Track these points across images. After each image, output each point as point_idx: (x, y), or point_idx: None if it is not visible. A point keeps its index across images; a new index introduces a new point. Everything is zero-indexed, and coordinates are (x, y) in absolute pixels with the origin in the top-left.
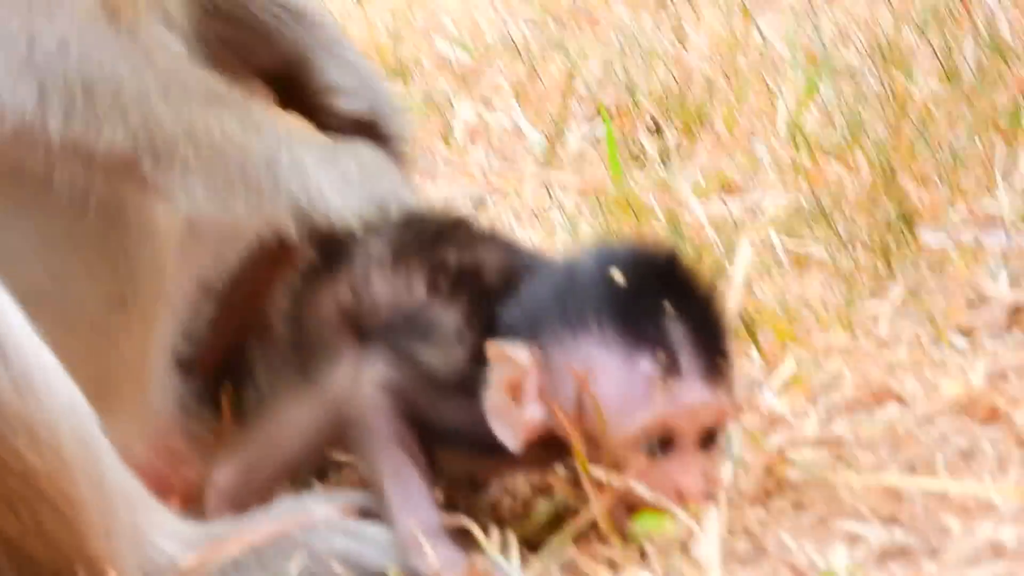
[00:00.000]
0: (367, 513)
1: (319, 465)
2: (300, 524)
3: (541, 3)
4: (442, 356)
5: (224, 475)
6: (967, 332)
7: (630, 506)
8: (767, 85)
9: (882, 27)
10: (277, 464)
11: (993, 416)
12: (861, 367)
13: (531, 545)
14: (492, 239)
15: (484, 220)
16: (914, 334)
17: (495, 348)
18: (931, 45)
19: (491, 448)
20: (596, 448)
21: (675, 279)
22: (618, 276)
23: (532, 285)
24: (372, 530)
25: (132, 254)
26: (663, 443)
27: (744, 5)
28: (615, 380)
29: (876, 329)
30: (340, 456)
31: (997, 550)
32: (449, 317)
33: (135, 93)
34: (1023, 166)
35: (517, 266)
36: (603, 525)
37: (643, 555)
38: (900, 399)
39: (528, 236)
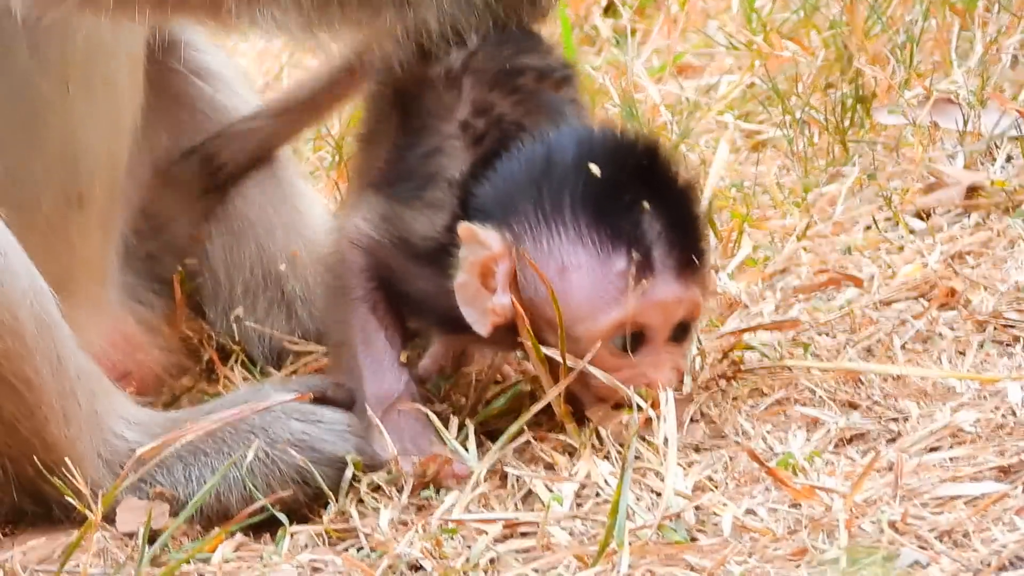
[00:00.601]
0: (325, 399)
1: (277, 352)
2: (257, 410)
3: None
4: (426, 221)
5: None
6: (924, 214)
7: (591, 394)
8: None
9: None
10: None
11: (951, 299)
12: (818, 250)
13: (490, 434)
14: (556, 104)
15: None
16: (870, 216)
17: (467, 229)
18: None
19: (458, 325)
20: (566, 341)
21: (654, 171)
22: (595, 168)
23: (508, 165)
24: (330, 414)
25: (91, 153)
26: (634, 338)
27: None
28: (586, 277)
29: (832, 211)
30: (296, 344)
31: (956, 434)
32: (453, 168)
33: None
34: (979, 46)
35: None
36: (557, 412)
37: (600, 441)
38: (857, 282)
39: None
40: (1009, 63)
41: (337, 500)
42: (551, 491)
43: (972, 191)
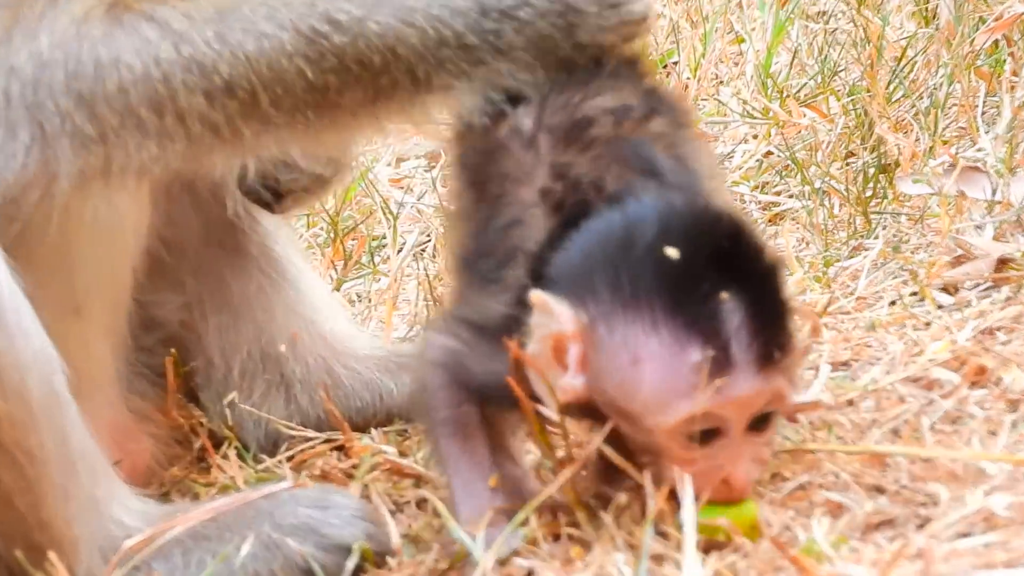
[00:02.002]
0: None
1: (273, 439)
2: (250, 499)
3: None
4: (504, 301)
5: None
6: (951, 288)
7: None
8: (734, 28)
9: None
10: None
11: (981, 377)
12: (841, 327)
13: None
14: (638, 151)
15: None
16: (895, 291)
17: (540, 298)
18: None
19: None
20: (638, 433)
21: (737, 252)
22: (673, 252)
23: (585, 237)
24: (339, 499)
25: (88, 268)
26: (709, 432)
27: None
28: (658, 369)
29: (855, 286)
30: (294, 430)
31: (988, 519)
32: (534, 241)
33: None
34: (1007, 111)
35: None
36: (568, 499)
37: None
38: (883, 360)
39: None
40: None
41: None
42: None
43: (1002, 263)
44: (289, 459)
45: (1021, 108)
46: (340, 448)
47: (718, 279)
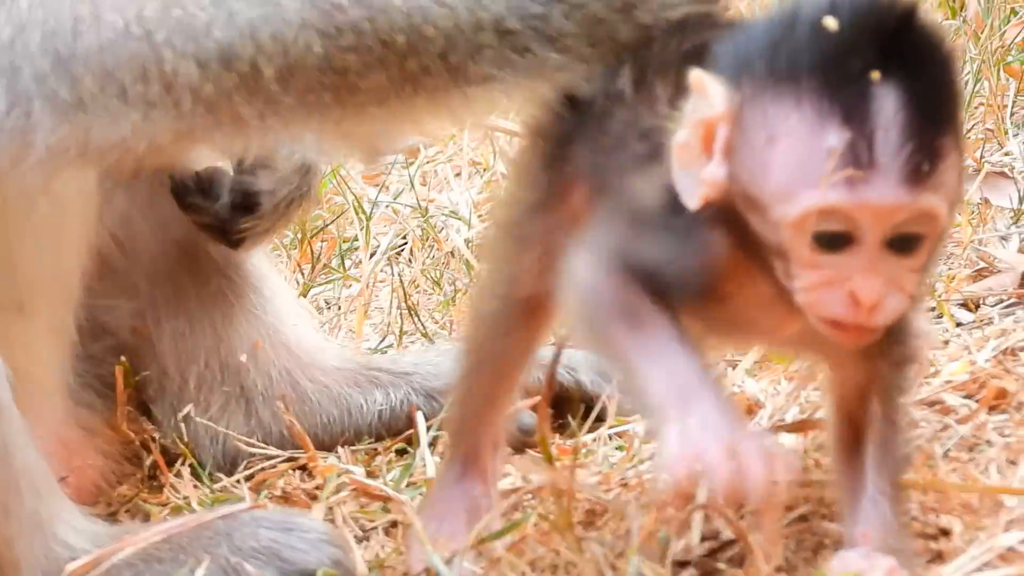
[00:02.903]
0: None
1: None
2: (204, 521)
3: None
4: (653, 178)
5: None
6: (972, 305)
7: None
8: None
9: None
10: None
11: (1002, 401)
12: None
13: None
14: None
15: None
16: None
17: (698, 77)
18: None
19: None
20: (767, 230)
21: (908, 36)
22: (832, 22)
23: (751, 25)
24: (305, 522)
25: (31, 263)
26: (839, 237)
27: None
28: (792, 150)
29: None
30: (254, 446)
31: (1006, 556)
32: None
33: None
34: None
35: None
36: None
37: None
38: None
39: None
40: None
41: None
42: None
43: None
44: (248, 478)
45: None
46: (303, 467)
47: (877, 59)
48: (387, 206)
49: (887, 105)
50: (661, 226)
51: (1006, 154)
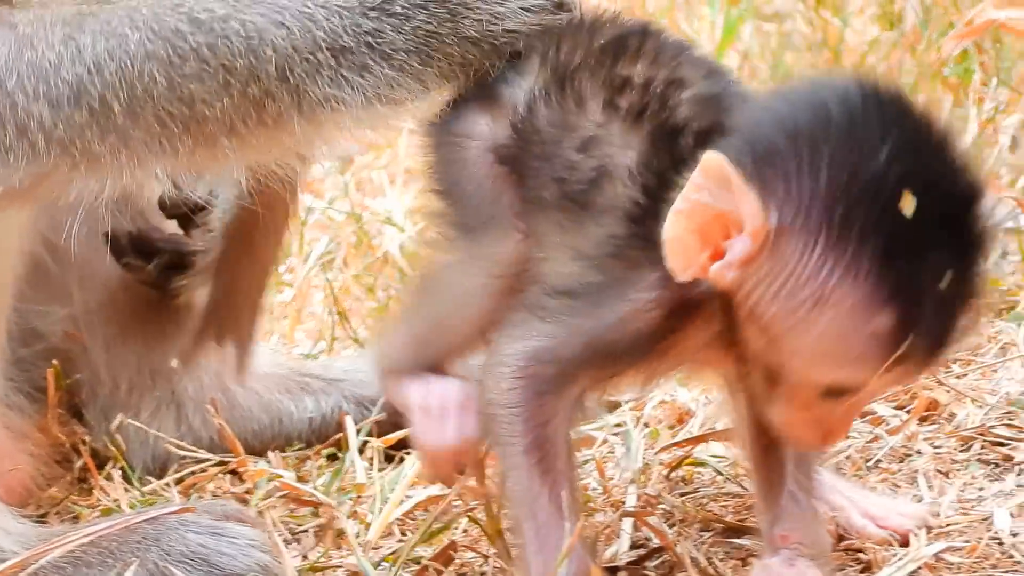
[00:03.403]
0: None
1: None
2: (135, 522)
3: None
4: (605, 228)
5: (389, 353)
6: None
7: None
8: (680, 28)
9: None
10: (445, 337)
11: (933, 412)
12: None
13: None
14: (688, 55)
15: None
16: None
17: (721, 165)
18: None
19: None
20: (773, 361)
21: (967, 220)
22: (910, 206)
23: (798, 121)
24: (235, 528)
25: None
26: (843, 391)
27: None
28: (841, 323)
29: None
30: (184, 450)
31: (933, 567)
32: (626, 154)
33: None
34: (973, 125)
35: (724, 97)
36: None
37: None
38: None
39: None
40: (1008, 145)
41: None
42: None
43: None
44: (178, 482)
45: (989, 122)
46: (234, 472)
47: (941, 245)
48: (321, 212)
49: (939, 298)
50: (598, 285)
51: None
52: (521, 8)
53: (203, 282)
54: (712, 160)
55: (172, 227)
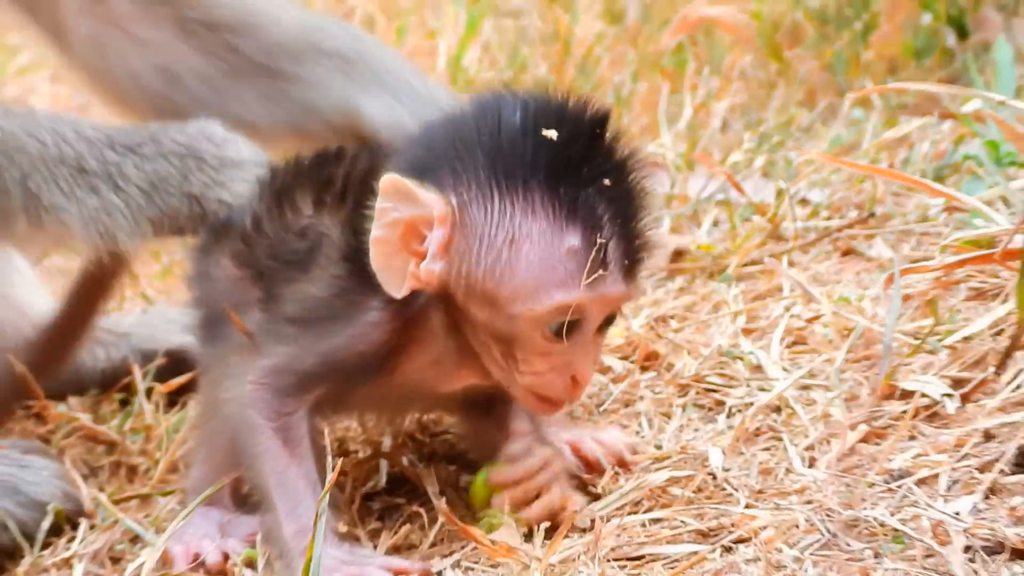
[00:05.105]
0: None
1: None
2: None
3: None
4: (325, 282)
5: (195, 471)
6: None
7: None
8: (427, 23)
9: None
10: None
11: (654, 362)
12: None
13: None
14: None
15: None
16: None
17: (397, 183)
18: None
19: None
20: (499, 320)
21: (607, 146)
22: (551, 133)
23: (441, 130)
24: (40, 461)
25: None
26: (567, 326)
27: None
28: (538, 252)
29: None
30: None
31: (656, 497)
32: (335, 224)
33: None
34: (688, 109)
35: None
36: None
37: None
38: None
39: None
40: (719, 127)
41: (33, 550)
42: None
43: (678, 255)
44: None
45: (701, 106)
46: (37, 415)
47: (595, 166)
48: None
49: (611, 209)
50: (328, 317)
51: (660, 145)
52: (241, 181)
53: None
54: (386, 180)
55: None
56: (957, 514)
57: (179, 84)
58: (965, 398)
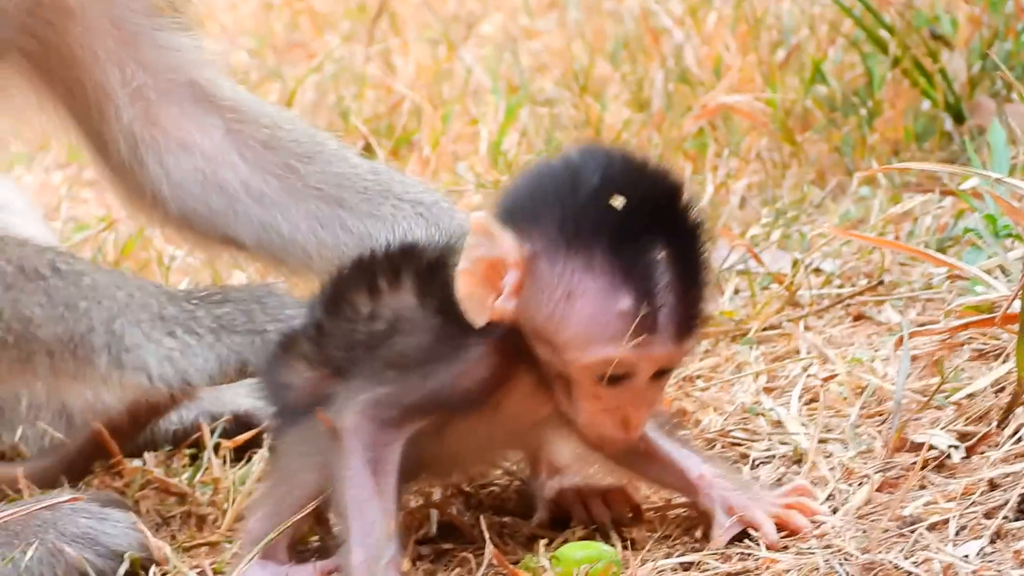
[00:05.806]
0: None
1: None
2: (34, 510)
3: (260, 35)
4: (423, 334)
5: (253, 524)
6: None
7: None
8: (470, 111)
9: (577, 59)
10: (297, 505)
11: (683, 419)
12: None
13: None
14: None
15: None
16: None
17: (484, 223)
18: (623, 75)
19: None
20: (555, 361)
21: (674, 211)
22: (619, 200)
23: (532, 181)
24: (117, 514)
25: None
26: (618, 375)
27: (449, 37)
28: (590, 308)
29: None
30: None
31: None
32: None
33: None
34: (710, 187)
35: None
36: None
37: None
38: None
39: None
40: (737, 204)
41: None
42: None
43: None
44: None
45: (722, 185)
46: (114, 469)
47: (656, 233)
48: (182, 259)
49: (668, 275)
50: (429, 360)
51: None
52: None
53: None
54: (476, 219)
55: None
56: (966, 557)
57: (222, 191)
58: (971, 450)
